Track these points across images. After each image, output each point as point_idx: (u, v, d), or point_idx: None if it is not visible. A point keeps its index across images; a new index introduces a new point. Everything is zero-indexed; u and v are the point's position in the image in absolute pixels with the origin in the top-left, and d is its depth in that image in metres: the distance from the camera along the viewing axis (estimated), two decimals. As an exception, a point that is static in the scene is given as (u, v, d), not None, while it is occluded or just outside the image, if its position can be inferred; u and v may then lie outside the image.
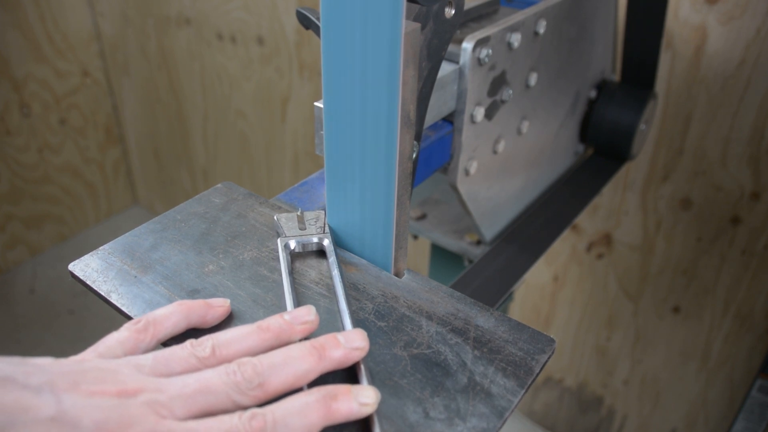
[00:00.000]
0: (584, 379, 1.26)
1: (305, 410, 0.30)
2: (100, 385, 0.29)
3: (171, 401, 0.29)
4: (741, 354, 1.03)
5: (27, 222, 1.75)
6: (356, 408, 0.31)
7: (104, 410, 0.28)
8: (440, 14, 0.43)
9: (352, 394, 0.31)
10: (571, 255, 1.14)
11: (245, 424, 0.29)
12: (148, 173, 1.91)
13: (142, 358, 0.32)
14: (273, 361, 0.32)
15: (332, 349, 0.33)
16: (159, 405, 0.29)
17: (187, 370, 0.32)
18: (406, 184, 0.41)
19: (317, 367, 0.32)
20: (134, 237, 0.45)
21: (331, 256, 0.43)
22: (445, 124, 0.54)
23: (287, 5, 1.27)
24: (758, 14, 0.81)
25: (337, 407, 0.31)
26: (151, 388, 0.30)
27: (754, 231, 0.93)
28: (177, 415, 0.29)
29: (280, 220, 0.45)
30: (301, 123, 1.41)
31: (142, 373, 0.31)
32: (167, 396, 0.30)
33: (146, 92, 1.72)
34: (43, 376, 0.29)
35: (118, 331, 0.34)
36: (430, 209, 0.77)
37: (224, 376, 0.31)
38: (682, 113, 0.92)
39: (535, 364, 0.36)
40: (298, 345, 0.33)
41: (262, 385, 0.31)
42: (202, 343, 0.33)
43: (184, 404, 0.30)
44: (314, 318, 0.35)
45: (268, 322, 0.35)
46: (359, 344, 0.34)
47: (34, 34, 1.59)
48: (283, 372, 0.31)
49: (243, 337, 0.34)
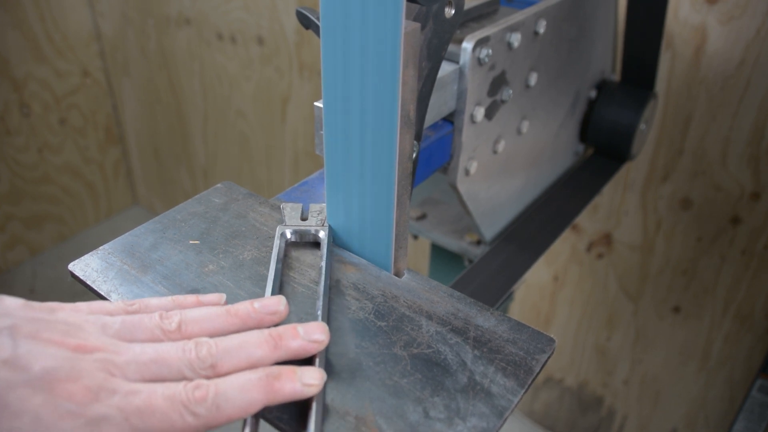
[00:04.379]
0: (584, 379, 1.26)
1: (247, 386, 0.31)
2: (60, 337, 0.31)
3: (125, 364, 0.31)
4: (741, 354, 1.03)
5: (27, 222, 1.75)
6: (299, 388, 0.32)
7: (56, 360, 0.30)
8: (440, 14, 0.43)
9: (297, 374, 0.32)
10: (571, 255, 1.14)
11: (188, 392, 0.30)
12: (148, 173, 1.91)
13: (111, 320, 0.33)
14: (229, 344, 0.33)
15: (289, 339, 0.34)
16: (112, 365, 0.31)
17: (150, 340, 0.33)
18: (406, 184, 0.41)
19: (272, 356, 0.33)
20: (134, 237, 0.45)
21: (324, 247, 0.43)
22: (445, 123, 0.54)
23: (287, 5, 1.27)
24: (758, 14, 0.81)
25: (280, 386, 0.32)
26: (110, 349, 0.31)
27: (754, 231, 0.93)
28: (128, 378, 0.31)
29: (285, 209, 0.46)
30: (301, 123, 1.41)
31: (106, 334, 0.33)
32: (123, 359, 0.31)
33: (146, 92, 1.72)
34: (8, 320, 0.31)
35: (112, 303, 0.35)
36: (430, 209, 0.77)
37: (180, 352, 0.32)
38: (682, 113, 0.92)
39: (535, 364, 0.36)
40: (256, 332, 0.34)
41: (213, 366, 0.32)
42: (170, 317, 0.34)
43: (136, 369, 0.31)
44: (283, 309, 0.36)
45: (238, 307, 0.36)
46: (318, 337, 0.35)
47: (34, 34, 1.59)
48: (237, 356, 0.33)
49: (210, 317, 0.35)
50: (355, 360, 0.36)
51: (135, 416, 0.29)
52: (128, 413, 0.29)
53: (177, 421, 0.30)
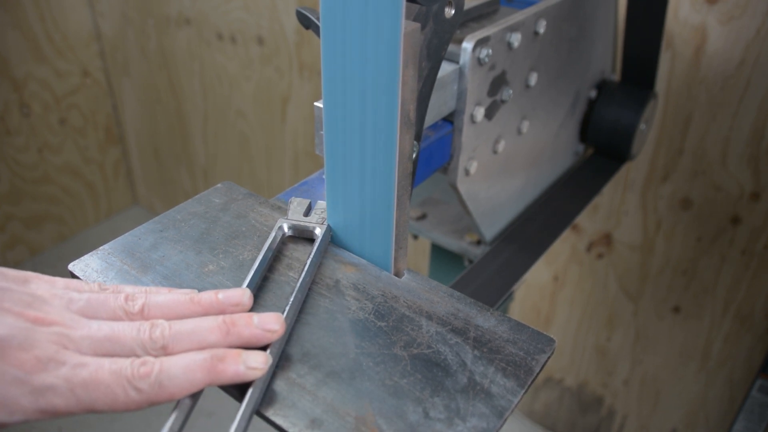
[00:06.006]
0: (584, 379, 1.26)
1: (191, 366, 0.32)
2: (21, 308, 0.32)
3: (80, 339, 0.32)
4: (741, 354, 1.03)
5: (27, 222, 1.75)
6: (242, 371, 0.33)
7: (12, 329, 0.31)
8: (440, 14, 0.43)
9: (242, 357, 0.33)
10: (571, 255, 1.14)
11: (134, 368, 0.31)
12: (148, 173, 1.91)
13: (78, 297, 0.35)
14: (182, 328, 0.34)
15: (242, 327, 0.35)
16: (67, 339, 0.32)
17: (112, 319, 0.34)
18: (406, 184, 0.41)
19: (223, 341, 0.34)
20: (134, 237, 0.45)
21: (316, 244, 0.43)
22: (445, 124, 0.54)
23: (287, 5, 1.27)
24: (758, 14, 0.81)
25: (223, 368, 0.32)
26: (67, 324, 0.33)
27: (754, 231, 0.93)
28: (81, 352, 0.32)
29: (291, 203, 0.46)
30: (301, 123, 1.41)
31: (69, 310, 0.34)
32: (78, 334, 0.33)
33: (146, 92, 1.72)
34: None
35: (89, 283, 0.37)
36: (430, 209, 0.77)
37: (134, 332, 0.33)
38: (682, 113, 0.92)
39: (535, 364, 0.36)
40: (210, 318, 0.35)
41: (164, 348, 0.33)
42: (135, 299, 0.36)
43: (90, 344, 0.33)
44: (247, 301, 0.37)
45: (202, 296, 0.36)
46: (272, 327, 0.35)
47: (34, 34, 1.59)
48: (188, 340, 0.34)
49: (174, 304, 0.36)
50: (355, 360, 0.36)
51: (80, 388, 0.31)
52: (74, 384, 0.31)
53: (120, 395, 0.31)
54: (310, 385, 0.34)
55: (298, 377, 0.35)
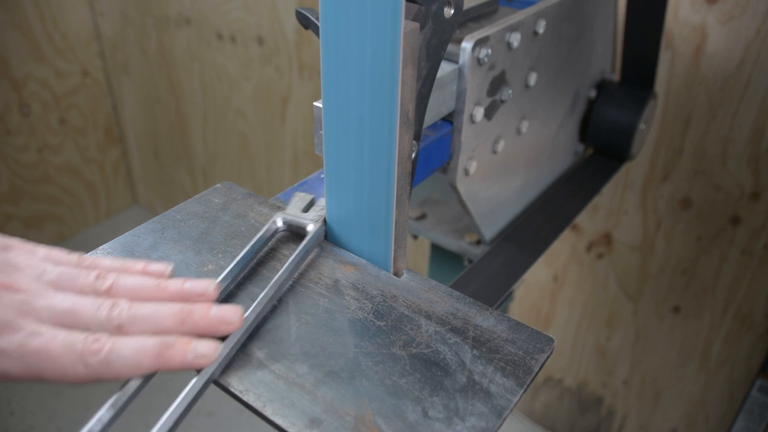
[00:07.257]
0: (584, 379, 1.26)
1: (141, 349, 0.33)
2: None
3: (42, 308, 0.33)
4: (741, 354, 1.03)
5: (27, 222, 1.76)
6: (190, 359, 0.33)
7: None
8: (439, 14, 0.43)
9: (191, 346, 0.34)
10: (570, 255, 1.14)
11: (86, 343, 0.32)
12: (148, 173, 1.92)
13: (51, 269, 0.35)
14: (140, 311, 0.35)
15: (198, 317, 0.35)
16: (29, 306, 0.33)
17: (79, 294, 0.35)
18: (406, 184, 0.41)
19: (178, 329, 0.35)
20: (134, 236, 0.45)
21: (305, 241, 0.43)
22: (445, 123, 0.54)
23: (287, 5, 1.27)
24: (758, 14, 0.81)
25: (171, 355, 0.33)
26: (33, 293, 0.34)
27: (754, 231, 0.93)
28: (41, 321, 0.33)
29: (294, 197, 0.46)
30: (301, 123, 1.41)
31: (39, 280, 0.35)
32: (41, 303, 0.33)
33: (146, 92, 1.72)
34: None
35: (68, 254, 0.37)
36: (430, 209, 0.77)
37: (94, 309, 0.34)
38: (682, 113, 0.92)
39: (534, 364, 0.36)
40: (170, 305, 0.35)
41: (120, 327, 0.34)
42: (105, 278, 0.36)
43: (51, 315, 0.33)
44: (212, 293, 0.37)
45: (169, 283, 0.37)
46: (229, 319, 0.36)
47: (34, 34, 1.59)
48: (144, 323, 0.34)
49: (142, 288, 0.36)
50: (354, 360, 0.36)
51: (30, 356, 0.31)
52: (24, 351, 0.31)
53: (68, 368, 0.32)
54: (309, 384, 0.34)
55: (297, 377, 0.35)
